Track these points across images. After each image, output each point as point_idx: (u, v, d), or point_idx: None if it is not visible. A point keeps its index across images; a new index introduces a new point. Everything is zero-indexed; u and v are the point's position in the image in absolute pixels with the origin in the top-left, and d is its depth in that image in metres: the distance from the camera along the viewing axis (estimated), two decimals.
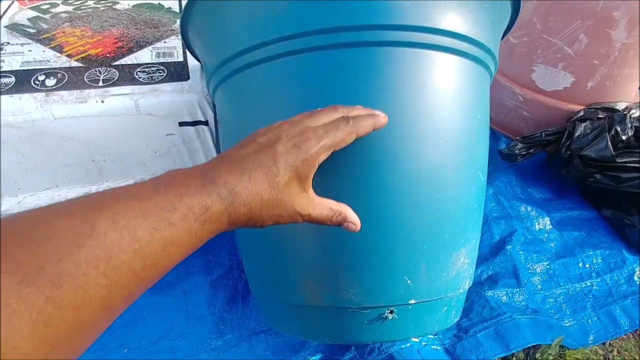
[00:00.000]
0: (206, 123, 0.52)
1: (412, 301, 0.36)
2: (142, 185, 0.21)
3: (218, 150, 0.55)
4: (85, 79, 0.50)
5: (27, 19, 0.61)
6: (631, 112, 0.65)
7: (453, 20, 0.34)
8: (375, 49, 0.33)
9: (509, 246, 0.60)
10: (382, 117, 0.30)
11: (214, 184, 0.22)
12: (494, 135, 0.82)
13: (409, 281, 0.35)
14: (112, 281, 0.18)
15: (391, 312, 0.36)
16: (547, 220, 0.66)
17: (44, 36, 0.58)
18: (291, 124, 0.27)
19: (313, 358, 0.49)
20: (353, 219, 0.29)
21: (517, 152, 0.66)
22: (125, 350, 0.50)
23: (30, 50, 0.54)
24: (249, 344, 0.51)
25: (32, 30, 0.58)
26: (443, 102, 0.35)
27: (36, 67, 0.51)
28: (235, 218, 0.23)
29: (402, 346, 0.48)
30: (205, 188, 0.22)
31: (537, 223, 0.66)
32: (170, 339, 0.51)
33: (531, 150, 0.66)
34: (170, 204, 0.20)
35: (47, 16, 0.63)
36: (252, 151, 0.25)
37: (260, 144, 0.26)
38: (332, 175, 0.34)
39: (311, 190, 0.28)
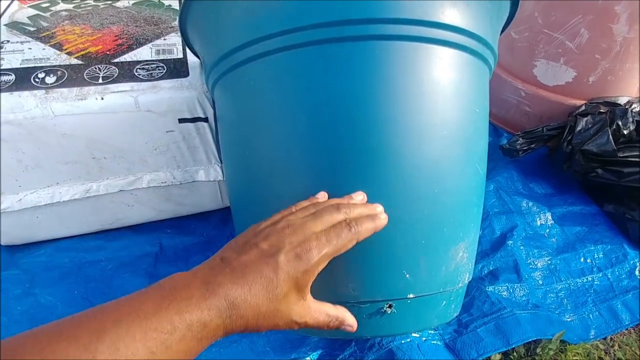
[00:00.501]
0: (206, 120, 0.52)
1: (411, 295, 0.36)
2: (146, 297, 0.22)
3: (218, 147, 0.55)
4: (85, 76, 0.50)
5: (27, 18, 0.61)
6: (633, 107, 0.64)
7: (452, 13, 0.34)
8: (373, 42, 0.33)
9: (510, 241, 0.60)
10: (382, 219, 0.31)
11: (215, 296, 0.23)
12: (495, 131, 0.82)
13: (407, 275, 0.35)
14: None
15: (390, 306, 0.36)
16: (548, 215, 0.66)
17: (44, 34, 0.58)
18: (294, 229, 0.27)
19: (313, 354, 0.49)
20: (350, 321, 0.31)
21: (518, 147, 0.65)
22: None
23: (30, 48, 0.54)
24: (249, 340, 0.51)
25: (32, 29, 0.59)
26: (442, 96, 0.35)
27: (36, 65, 0.51)
28: (231, 329, 0.24)
29: (402, 341, 0.48)
30: (207, 302, 0.23)
31: (538, 218, 0.65)
32: None
33: (532, 146, 0.66)
34: (171, 324, 0.21)
35: (47, 14, 0.63)
36: (253, 258, 0.26)
37: (262, 251, 0.26)
38: (331, 170, 0.34)
39: (309, 297, 0.28)
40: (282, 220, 0.28)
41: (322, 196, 0.33)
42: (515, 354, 0.50)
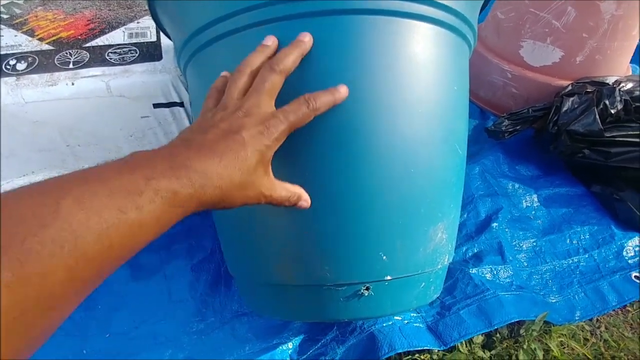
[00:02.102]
0: (181, 104, 0.51)
1: (388, 277, 0.35)
2: (106, 167, 0.21)
3: None
4: (56, 62, 0.49)
5: (2, 5, 0.60)
6: (621, 85, 0.63)
7: None
8: (345, 17, 0.32)
9: (495, 224, 0.60)
10: (342, 92, 0.31)
11: (184, 168, 0.23)
12: (482, 113, 0.81)
13: (384, 257, 0.35)
14: (78, 260, 0.18)
15: (367, 288, 0.35)
16: (534, 197, 0.65)
17: (17, 21, 0.56)
18: (247, 110, 0.28)
19: (295, 339, 0.49)
20: (305, 197, 0.32)
21: (503, 129, 0.64)
22: (108, 336, 0.50)
23: (2, 36, 0.53)
24: (231, 326, 0.50)
25: (5, 16, 0.57)
26: (417, 73, 0.34)
27: (7, 52, 0.50)
28: (206, 200, 0.24)
29: (384, 324, 0.47)
30: (174, 172, 0.22)
31: (524, 200, 0.65)
32: (152, 323, 0.51)
33: (518, 127, 0.65)
34: (137, 186, 0.20)
35: (21, 1, 0.61)
36: (218, 137, 0.26)
37: (224, 130, 0.26)
38: (304, 151, 0.33)
39: (271, 173, 0.29)
40: (230, 104, 0.29)
41: (271, 41, 0.31)
42: (498, 335, 0.50)
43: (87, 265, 0.18)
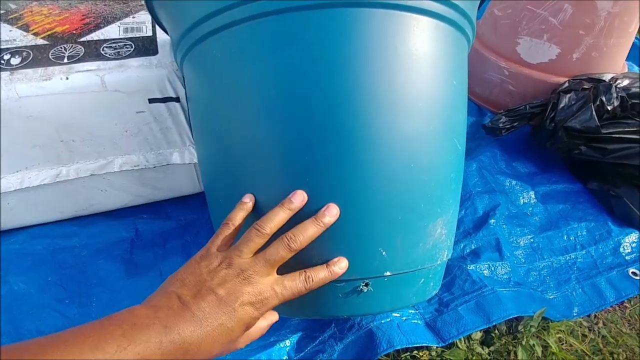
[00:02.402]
0: (177, 99, 0.50)
1: (388, 273, 0.35)
2: (108, 334, 0.24)
3: (191, 129, 0.54)
4: (50, 57, 0.48)
5: None
6: (617, 82, 0.64)
7: None
8: (344, 10, 0.32)
9: (492, 220, 0.60)
10: (337, 270, 0.33)
11: (172, 344, 0.25)
12: (479, 110, 0.81)
13: (384, 253, 0.34)
14: None
15: (366, 284, 0.35)
16: (531, 194, 0.65)
17: (12, 16, 0.56)
18: (246, 277, 0.29)
19: (293, 336, 0.49)
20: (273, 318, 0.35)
21: (501, 125, 0.64)
22: None
23: None
24: None
25: (0, 12, 0.57)
26: (417, 67, 0.34)
27: (2, 47, 0.50)
28: None
29: (382, 321, 0.47)
30: (162, 347, 0.25)
31: (521, 197, 0.65)
32: None
33: (515, 124, 0.65)
34: None
35: None
36: (212, 305, 0.28)
37: (220, 298, 0.28)
38: (302, 146, 0.32)
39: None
40: (235, 262, 0.30)
41: (300, 200, 0.32)
42: (496, 331, 0.50)
43: None
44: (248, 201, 0.34)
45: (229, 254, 0.30)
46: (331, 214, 0.32)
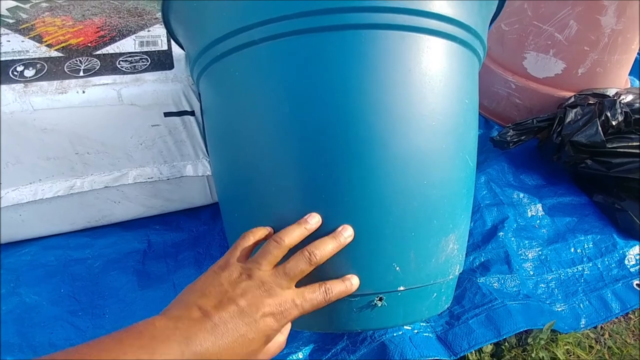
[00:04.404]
0: (192, 113, 0.51)
1: (401, 288, 0.36)
2: (127, 346, 0.24)
3: (205, 142, 0.54)
4: (66, 69, 0.49)
5: (6, 9, 0.59)
6: (621, 98, 0.65)
7: (440, 3, 0.34)
8: (360, 31, 0.32)
9: (501, 233, 0.60)
10: (354, 284, 0.33)
11: (193, 355, 0.25)
12: (486, 123, 0.82)
13: (397, 268, 0.35)
14: None
15: (380, 299, 0.36)
16: (539, 206, 0.66)
17: (23, 26, 0.56)
18: (268, 289, 0.29)
19: (306, 348, 0.49)
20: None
21: (508, 139, 0.65)
22: None
23: (9, 41, 0.53)
24: None
25: (11, 21, 0.57)
26: (430, 86, 0.34)
27: (14, 58, 0.50)
28: None
29: (394, 334, 0.47)
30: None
31: (529, 210, 0.66)
32: None
33: (523, 137, 0.66)
34: None
35: (27, 6, 0.61)
36: (233, 316, 0.27)
37: (241, 309, 0.28)
38: (318, 163, 0.33)
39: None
40: (255, 274, 0.30)
41: (315, 222, 0.33)
42: (506, 344, 0.50)
43: None
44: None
45: (248, 265, 0.30)
46: (348, 233, 0.33)
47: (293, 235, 0.31)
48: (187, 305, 0.28)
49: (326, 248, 0.31)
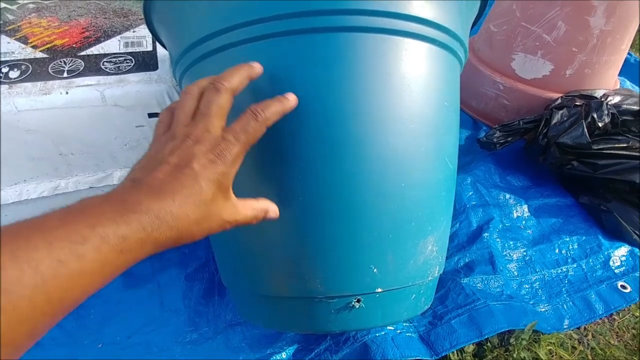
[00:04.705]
0: None
1: (379, 290, 0.36)
2: (49, 216, 0.21)
3: None
4: (50, 70, 0.49)
5: None
6: (608, 99, 0.65)
7: (419, 5, 0.34)
8: (340, 34, 0.32)
9: (486, 234, 0.61)
10: (290, 100, 0.30)
11: (134, 212, 0.22)
12: (475, 124, 0.82)
13: (375, 270, 0.35)
14: (10, 317, 0.17)
15: (358, 300, 0.36)
16: (525, 207, 0.66)
17: (10, 27, 0.56)
18: (196, 137, 0.26)
19: (289, 349, 0.49)
20: (273, 208, 0.31)
21: (495, 140, 0.66)
22: (100, 345, 0.49)
23: None
24: (224, 336, 0.50)
25: None
26: (409, 89, 0.35)
27: (1, 60, 0.50)
28: (162, 242, 0.23)
29: (377, 334, 0.48)
30: (123, 217, 0.22)
31: (515, 211, 0.66)
32: (145, 332, 0.50)
33: (509, 139, 0.66)
34: (80, 235, 0.20)
35: (14, 7, 0.61)
36: (168, 174, 0.25)
37: (174, 165, 0.25)
38: (297, 164, 0.33)
39: (233, 196, 0.28)
40: (178, 132, 0.27)
41: (256, 64, 0.30)
42: (489, 344, 0.51)
43: (20, 321, 0.18)
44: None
45: (189, 129, 0.27)
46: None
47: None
48: (120, 184, 0.25)
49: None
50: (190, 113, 0.28)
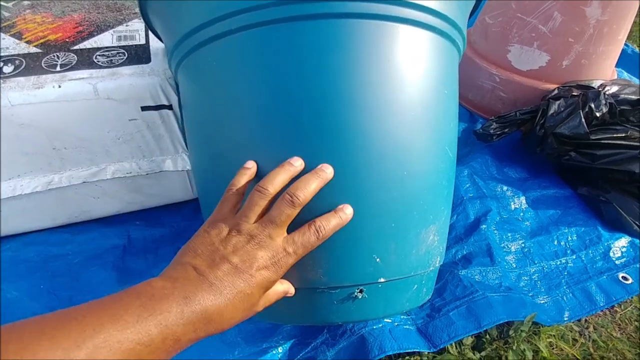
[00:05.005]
0: (170, 107, 0.51)
1: (382, 280, 0.35)
2: (127, 303, 0.24)
3: (184, 136, 0.54)
4: (43, 65, 0.49)
5: None
6: (605, 89, 0.65)
7: None
8: (337, 20, 0.32)
9: (484, 225, 0.60)
10: (347, 213, 0.32)
11: (193, 313, 0.25)
12: (471, 116, 0.82)
13: (377, 259, 0.35)
14: None
15: (361, 291, 0.35)
16: (522, 199, 0.66)
17: (5, 24, 0.56)
18: (258, 242, 0.29)
19: (285, 343, 0.49)
20: (291, 290, 0.34)
21: (492, 131, 0.65)
22: None
23: None
24: None
25: None
26: (408, 77, 0.34)
27: None
28: (202, 337, 0.27)
29: (374, 327, 0.47)
30: (184, 317, 0.25)
31: (512, 202, 0.65)
32: None
33: (506, 130, 0.66)
34: (149, 336, 0.23)
35: (10, 4, 0.61)
36: (228, 274, 0.28)
37: (235, 266, 0.28)
38: (294, 154, 0.33)
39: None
40: (243, 228, 0.30)
41: (300, 164, 0.32)
42: (487, 336, 0.50)
43: None
44: (251, 166, 0.33)
45: (236, 220, 0.30)
46: (329, 169, 0.32)
47: (277, 182, 0.31)
48: (183, 266, 0.28)
49: (309, 187, 0.30)
50: (260, 213, 0.31)
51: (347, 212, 0.32)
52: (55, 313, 0.23)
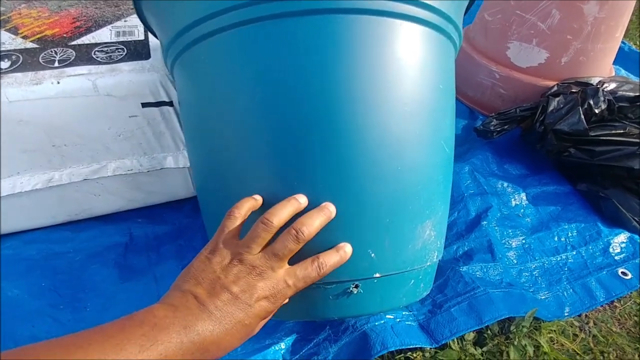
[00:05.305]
0: (171, 104, 0.50)
1: (377, 275, 0.35)
2: (130, 334, 0.25)
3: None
4: (41, 60, 0.48)
5: None
6: (604, 86, 0.65)
7: None
8: (332, 16, 0.32)
9: (484, 222, 0.60)
10: (347, 252, 0.33)
11: (192, 344, 0.26)
12: (471, 113, 0.82)
13: (372, 254, 0.35)
14: None
15: (356, 286, 0.35)
16: (523, 195, 0.66)
17: (0, 19, 0.55)
18: (260, 273, 0.30)
19: (288, 339, 0.49)
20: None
21: (492, 128, 0.65)
22: None
23: None
24: None
25: None
26: (404, 72, 0.34)
27: None
28: None
29: (376, 323, 0.47)
30: (183, 347, 0.26)
31: (513, 199, 0.66)
32: None
33: (506, 127, 0.66)
34: None
35: None
36: (227, 304, 0.28)
37: (235, 296, 0.28)
38: (291, 149, 0.33)
39: None
40: (245, 259, 0.30)
41: (305, 200, 0.33)
42: (489, 332, 0.50)
43: None
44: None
45: (238, 250, 0.30)
46: (332, 207, 0.32)
47: (281, 215, 0.31)
48: (184, 294, 0.28)
49: (313, 223, 0.31)
50: (263, 244, 0.31)
51: (347, 250, 0.33)
52: (60, 340, 0.24)
